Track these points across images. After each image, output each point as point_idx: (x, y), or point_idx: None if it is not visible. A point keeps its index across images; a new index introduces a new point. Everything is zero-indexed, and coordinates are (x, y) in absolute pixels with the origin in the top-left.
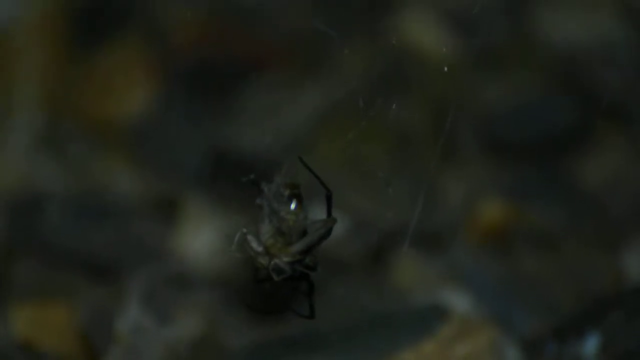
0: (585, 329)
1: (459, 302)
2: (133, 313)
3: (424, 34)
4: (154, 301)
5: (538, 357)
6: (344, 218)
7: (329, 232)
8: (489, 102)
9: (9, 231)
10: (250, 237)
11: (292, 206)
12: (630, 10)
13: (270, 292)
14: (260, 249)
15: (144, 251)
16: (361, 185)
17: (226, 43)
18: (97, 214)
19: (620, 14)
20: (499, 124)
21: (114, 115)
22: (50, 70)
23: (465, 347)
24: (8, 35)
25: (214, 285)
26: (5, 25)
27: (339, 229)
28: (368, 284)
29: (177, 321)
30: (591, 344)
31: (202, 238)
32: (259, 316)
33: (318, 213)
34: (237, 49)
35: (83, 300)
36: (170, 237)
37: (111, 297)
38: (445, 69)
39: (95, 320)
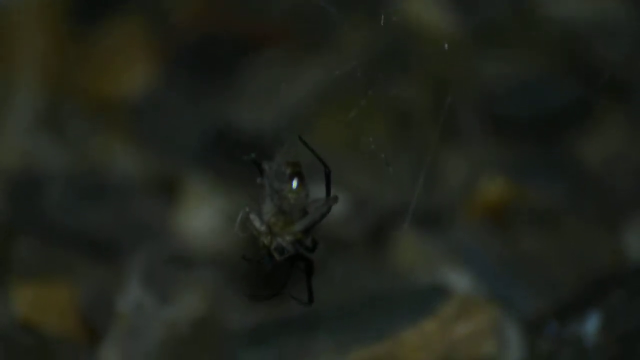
0: (586, 308)
1: (459, 281)
2: (133, 292)
3: (425, 11)
4: (154, 280)
5: (539, 336)
6: (344, 197)
7: (328, 209)
8: (489, 79)
9: (9, 211)
10: (252, 216)
11: (294, 185)
12: None
13: (270, 272)
14: (263, 227)
15: (144, 230)
16: (361, 164)
17: (226, 21)
18: (98, 193)
19: None
20: (500, 101)
21: (114, 94)
22: (49, 49)
23: (466, 327)
24: (7, 14)
25: (215, 264)
26: (4, 4)
27: (339, 208)
28: (368, 263)
29: (177, 300)
30: (592, 324)
31: (202, 217)
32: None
33: (319, 191)
34: (237, 26)
35: (83, 279)
36: (171, 216)
37: (111, 277)
38: (446, 46)
39: (95, 299)
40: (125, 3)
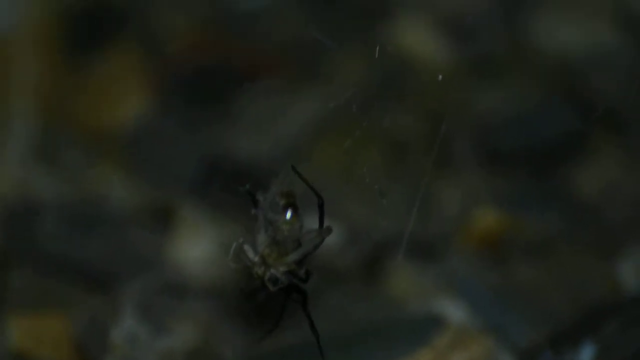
0: (581, 338)
1: (454, 311)
2: (128, 323)
3: (420, 42)
4: (149, 311)
5: None
6: (338, 227)
7: (321, 240)
8: (484, 110)
9: (4, 240)
10: (246, 247)
11: (288, 215)
12: (625, 18)
13: (264, 303)
14: (256, 259)
15: (139, 260)
16: (356, 194)
17: (222, 51)
18: (93, 223)
19: (615, 22)
20: (494, 132)
21: (109, 123)
22: (46, 78)
23: (461, 357)
24: (4, 43)
25: (209, 295)
26: (1, 33)
27: (333, 239)
28: (363, 293)
29: (172, 331)
30: (587, 354)
31: (197, 247)
32: (254, 326)
33: (313, 222)
34: (232, 56)
35: (78, 309)
36: (166, 246)
37: (106, 307)
38: (440, 77)
39: (90, 330)
40: (121, 34)
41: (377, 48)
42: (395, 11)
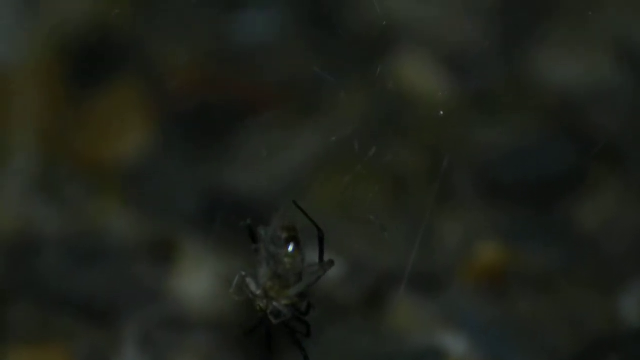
0: None
1: (455, 344)
2: (129, 355)
3: (420, 77)
4: (150, 344)
5: None
6: (340, 261)
7: (323, 273)
8: (485, 145)
9: (5, 274)
10: (248, 280)
11: (290, 249)
12: (625, 54)
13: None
14: (258, 292)
15: (140, 294)
16: (357, 228)
17: (222, 86)
18: (94, 257)
19: (615, 57)
20: (495, 167)
21: (110, 157)
22: (46, 112)
23: None
24: (4, 78)
25: (211, 328)
26: (1, 67)
27: (335, 272)
28: (365, 327)
29: None
30: None
31: (198, 281)
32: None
33: (315, 256)
34: (233, 91)
35: (79, 343)
36: (167, 280)
37: (107, 340)
38: (441, 112)
39: None
40: (122, 68)
41: (377, 83)
42: (396, 46)
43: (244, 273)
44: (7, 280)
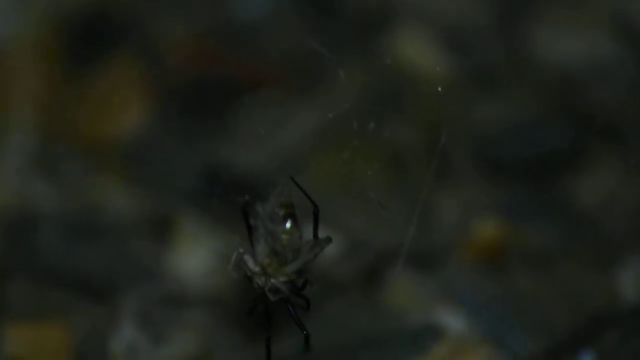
0: (580, 349)
1: (453, 321)
2: (127, 333)
3: (419, 53)
4: (148, 321)
5: None
6: (338, 238)
7: (320, 249)
8: (483, 121)
9: (3, 251)
10: (246, 257)
11: (287, 225)
12: (624, 30)
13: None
14: (256, 269)
15: (138, 270)
16: (355, 205)
17: (221, 62)
18: (91, 234)
19: (614, 34)
20: (493, 143)
21: (108, 134)
22: (44, 89)
23: None
24: (2, 54)
25: (209, 304)
26: None
27: (333, 249)
28: (362, 304)
29: (171, 341)
30: None
31: (196, 257)
32: (254, 335)
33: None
34: (231, 68)
35: (77, 320)
36: (165, 257)
37: (105, 317)
38: (440, 88)
39: (89, 339)
40: (120, 45)
41: (376, 59)
42: (395, 23)
43: (241, 250)
44: (5, 257)
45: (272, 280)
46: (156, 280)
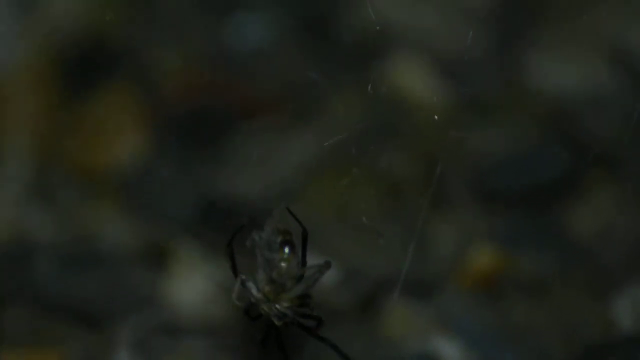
0: None
1: (449, 350)
2: None
3: (415, 82)
4: (144, 349)
5: None
6: (335, 266)
7: (321, 275)
8: (479, 150)
9: None
10: (249, 285)
11: (285, 252)
12: (620, 59)
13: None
14: (259, 295)
15: (134, 299)
16: (352, 233)
17: (217, 90)
18: (87, 262)
19: (610, 63)
20: (490, 172)
21: (104, 162)
22: (40, 117)
23: None
24: None
25: (205, 333)
26: None
27: (330, 276)
28: (359, 332)
29: None
30: None
31: (192, 285)
32: None
33: (311, 259)
34: (227, 96)
35: (73, 347)
36: (161, 285)
37: (101, 345)
38: (436, 117)
39: None
40: (116, 73)
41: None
42: (391, 52)
43: (244, 277)
44: (1, 285)
45: (277, 306)
46: (152, 308)
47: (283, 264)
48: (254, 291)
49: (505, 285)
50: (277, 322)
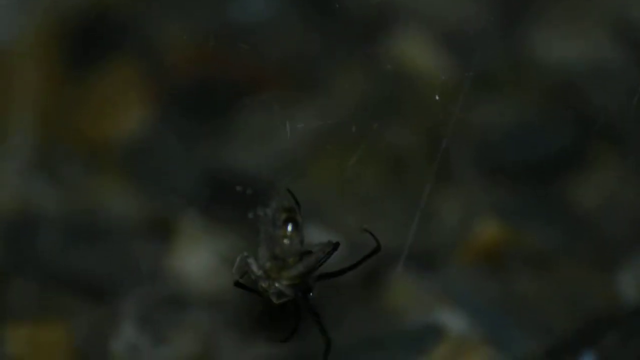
0: (580, 350)
1: (453, 322)
2: (128, 333)
3: (419, 57)
4: (149, 322)
5: None
6: (338, 239)
7: (328, 255)
8: (484, 124)
9: (4, 252)
10: (250, 261)
11: (289, 229)
12: (624, 33)
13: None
14: (260, 272)
15: (139, 272)
16: (356, 206)
17: (222, 64)
18: (92, 235)
19: (614, 37)
20: (494, 146)
21: (109, 136)
22: (45, 91)
23: None
24: (2, 56)
25: (209, 305)
26: (1, 46)
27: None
28: (363, 305)
29: (172, 342)
30: None
31: (197, 259)
32: (254, 336)
33: (315, 237)
34: (232, 70)
35: (78, 320)
36: (165, 258)
37: (106, 318)
38: (440, 92)
39: (90, 340)
40: (121, 47)
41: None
42: (395, 26)
43: (245, 254)
44: (6, 258)
45: (276, 284)
46: (157, 281)
47: (286, 241)
48: (254, 268)
49: (510, 258)
50: (275, 300)
